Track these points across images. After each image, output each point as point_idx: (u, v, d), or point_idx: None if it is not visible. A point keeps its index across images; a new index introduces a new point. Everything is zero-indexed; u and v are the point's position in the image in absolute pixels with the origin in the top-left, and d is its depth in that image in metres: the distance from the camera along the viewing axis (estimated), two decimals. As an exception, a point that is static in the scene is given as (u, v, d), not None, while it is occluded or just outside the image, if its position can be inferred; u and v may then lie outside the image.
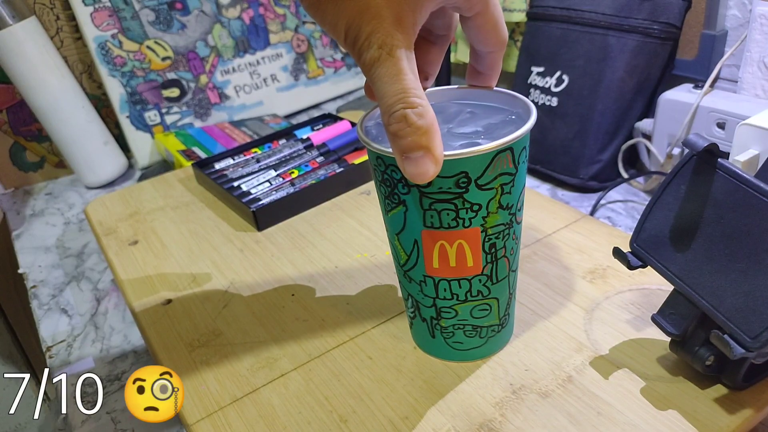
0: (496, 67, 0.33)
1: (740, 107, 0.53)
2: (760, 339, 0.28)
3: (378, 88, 0.26)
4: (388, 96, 0.26)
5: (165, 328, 0.43)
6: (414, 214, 0.31)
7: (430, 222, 0.31)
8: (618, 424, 0.32)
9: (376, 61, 0.26)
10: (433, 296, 0.34)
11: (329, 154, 0.63)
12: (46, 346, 0.52)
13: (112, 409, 0.45)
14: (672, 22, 0.58)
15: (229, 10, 0.86)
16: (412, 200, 0.31)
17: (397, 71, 0.26)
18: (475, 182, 0.30)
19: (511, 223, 0.33)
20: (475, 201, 0.30)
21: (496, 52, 0.32)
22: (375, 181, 0.33)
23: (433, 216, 0.31)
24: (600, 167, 0.63)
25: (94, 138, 0.77)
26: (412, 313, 0.37)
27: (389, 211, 0.33)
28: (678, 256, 0.32)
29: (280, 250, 0.51)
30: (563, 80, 0.63)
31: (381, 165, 0.31)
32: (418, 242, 0.32)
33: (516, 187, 0.32)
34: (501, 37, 0.31)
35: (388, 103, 0.26)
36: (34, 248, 0.68)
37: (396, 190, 0.31)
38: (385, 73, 0.26)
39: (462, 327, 0.35)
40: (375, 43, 0.26)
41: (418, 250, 0.33)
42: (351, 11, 0.26)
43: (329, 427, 0.34)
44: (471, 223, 0.31)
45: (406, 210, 0.31)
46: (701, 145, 0.31)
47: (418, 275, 0.34)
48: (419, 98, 0.26)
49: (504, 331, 0.37)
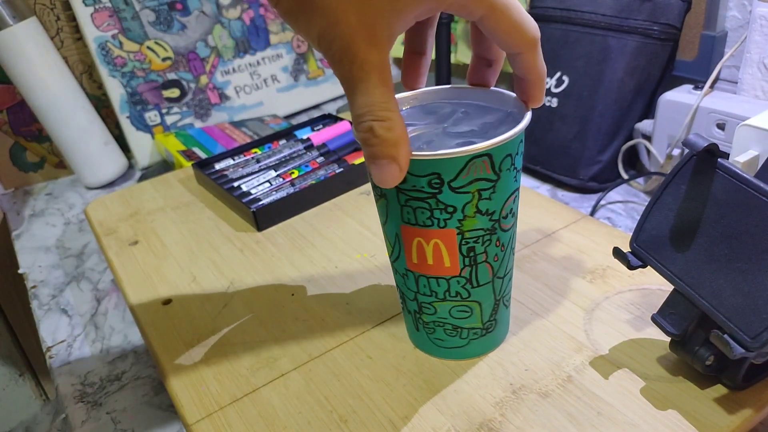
0: (534, 70, 0.30)
1: (740, 108, 0.53)
2: (760, 339, 0.28)
3: (351, 100, 0.27)
4: (357, 107, 0.27)
5: (165, 328, 0.43)
6: (394, 208, 0.32)
7: (407, 218, 0.32)
8: (618, 424, 0.32)
9: (348, 76, 0.27)
10: (414, 290, 0.35)
11: (329, 155, 0.63)
12: (46, 346, 0.52)
13: (112, 409, 0.45)
14: (672, 23, 0.58)
15: (230, 10, 0.86)
16: (390, 194, 0.32)
17: (369, 86, 0.26)
18: (448, 184, 0.30)
19: (494, 229, 0.32)
20: (449, 203, 0.30)
21: (525, 52, 0.30)
22: None
23: (409, 212, 0.31)
24: (600, 168, 0.63)
25: (95, 138, 0.77)
26: (402, 304, 0.38)
27: (377, 202, 0.34)
28: (678, 256, 0.32)
29: (280, 250, 0.51)
30: (563, 81, 0.63)
31: None
32: (399, 236, 0.33)
33: (498, 194, 0.31)
34: (526, 37, 0.29)
35: (356, 114, 0.27)
36: (34, 248, 0.68)
37: None
38: (357, 88, 0.27)
39: (442, 325, 0.36)
40: (345, 58, 0.26)
41: (400, 244, 0.33)
42: (321, 24, 0.26)
43: (329, 427, 0.34)
44: (446, 224, 0.31)
45: (387, 203, 0.32)
46: (701, 145, 0.31)
47: (401, 268, 0.35)
48: (388, 111, 0.27)
49: (490, 336, 0.37)
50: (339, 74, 0.27)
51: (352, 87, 0.27)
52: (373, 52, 0.26)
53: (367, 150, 0.27)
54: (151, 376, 0.48)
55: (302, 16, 0.27)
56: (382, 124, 0.27)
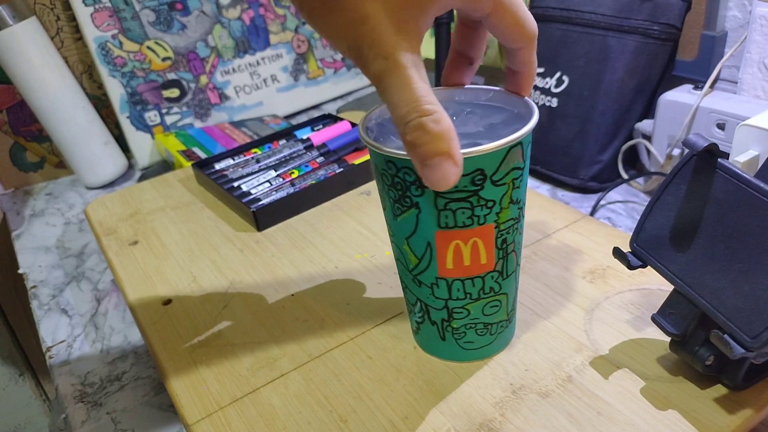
0: (529, 65, 0.32)
1: (740, 108, 0.53)
2: (760, 339, 0.28)
3: (389, 98, 0.26)
4: (401, 106, 0.25)
5: (165, 328, 0.43)
6: (428, 216, 0.31)
7: (445, 222, 0.31)
8: (618, 424, 0.32)
9: (383, 72, 0.25)
10: (445, 298, 0.34)
11: (329, 155, 0.63)
12: (46, 346, 0.52)
13: (112, 409, 0.45)
14: (672, 23, 0.58)
15: (230, 10, 0.86)
16: (426, 202, 0.30)
17: (406, 80, 0.25)
18: (490, 179, 0.30)
19: (519, 217, 0.33)
20: (490, 197, 0.30)
21: (525, 48, 0.31)
22: (381, 186, 0.32)
23: (448, 216, 0.31)
24: (600, 168, 0.63)
25: (94, 138, 0.77)
26: (420, 317, 0.36)
27: (398, 215, 0.32)
28: (678, 256, 0.32)
29: (280, 250, 0.51)
30: (563, 81, 0.63)
31: (392, 168, 0.30)
32: (432, 244, 0.32)
33: (524, 181, 0.32)
34: (526, 32, 0.30)
35: (401, 113, 0.25)
36: (34, 248, 0.68)
37: (408, 193, 0.31)
38: (393, 83, 0.25)
39: (474, 326, 0.35)
40: (379, 54, 0.25)
41: (431, 252, 0.32)
42: (349, 22, 0.26)
43: (329, 427, 0.34)
44: (485, 220, 0.31)
45: (418, 212, 0.31)
46: (701, 145, 0.31)
47: (430, 278, 0.33)
48: (432, 104, 0.25)
49: (510, 326, 0.37)
50: (372, 72, 0.26)
51: (388, 84, 0.25)
52: (405, 45, 0.26)
53: (419, 151, 0.25)
54: (151, 376, 0.48)
55: (328, 16, 0.26)
56: (430, 118, 0.25)
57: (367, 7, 0.25)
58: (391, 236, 0.35)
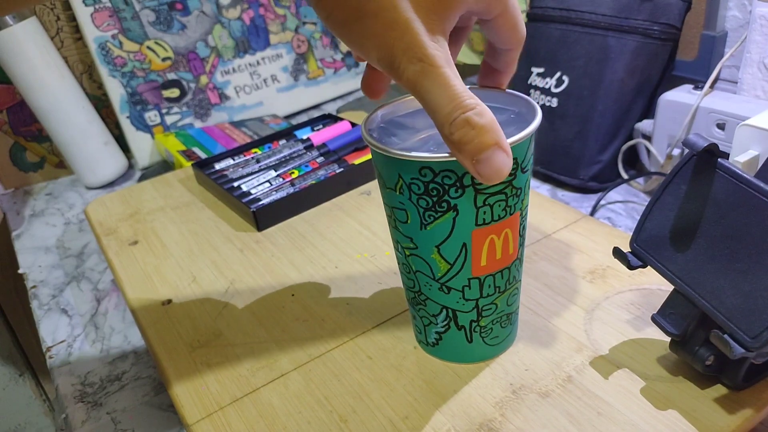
0: (512, 65, 0.33)
1: (740, 108, 0.53)
2: (760, 339, 0.28)
3: (429, 101, 0.26)
4: (443, 105, 0.25)
5: (165, 328, 0.43)
6: (466, 216, 0.30)
7: (483, 219, 0.31)
8: (618, 424, 0.32)
9: (420, 75, 0.25)
10: (476, 297, 0.34)
11: (329, 155, 0.63)
12: (46, 346, 0.52)
13: (112, 409, 0.45)
14: (672, 23, 0.58)
15: (230, 10, 0.86)
16: (465, 202, 0.30)
17: (445, 80, 0.25)
18: (520, 167, 0.30)
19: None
20: (519, 185, 0.31)
21: (514, 50, 0.32)
22: (406, 197, 0.31)
23: (486, 212, 0.31)
24: (600, 168, 0.63)
25: (94, 138, 0.77)
26: (444, 326, 0.36)
27: (429, 224, 0.31)
28: (678, 256, 0.32)
29: (280, 250, 0.51)
30: (563, 81, 0.63)
31: (427, 175, 0.29)
32: (467, 245, 0.31)
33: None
34: (519, 36, 0.31)
35: (445, 113, 0.26)
36: (34, 248, 0.68)
37: (446, 197, 0.30)
38: (432, 85, 0.25)
39: (499, 319, 0.36)
40: (414, 57, 0.25)
41: (466, 253, 0.32)
42: (378, 29, 0.26)
43: (329, 427, 0.34)
44: (514, 208, 0.31)
45: (456, 215, 0.30)
46: (701, 145, 0.31)
47: (461, 281, 0.33)
48: (473, 98, 0.26)
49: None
50: (407, 77, 0.26)
51: (426, 86, 0.25)
52: (436, 46, 0.26)
53: (469, 148, 0.26)
54: (151, 376, 0.48)
55: (357, 25, 0.26)
56: (473, 113, 0.25)
57: (396, 12, 0.25)
58: (409, 251, 0.33)
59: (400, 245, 0.34)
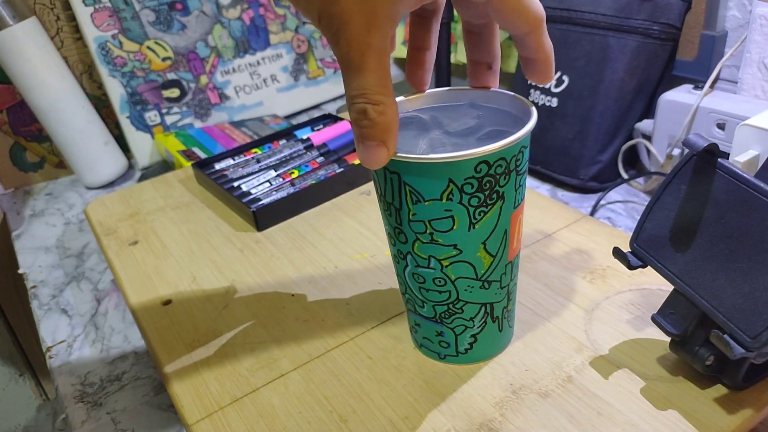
0: (541, 50, 0.30)
1: (740, 108, 0.53)
2: (760, 339, 0.28)
3: (344, 78, 0.27)
4: (351, 89, 0.27)
5: (165, 328, 0.43)
6: (509, 202, 0.31)
7: (518, 200, 0.32)
8: (618, 424, 0.32)
9: (344, 55, 0.27)
10: (508, 282, 0.35)
11: (329, 155, 0.63)
12: (46, 347, 0.52)
13: (113, 409, 0.45)
14: (672, 22, 0.58)
15: (230, 10, 0.86)
16: (510, 187, 0.31)
17: (364, 68, 0.26)
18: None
19: None
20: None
21: (532, 32, 0.29)
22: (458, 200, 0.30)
23: (519, 192, 0.32)
24: (600, 168, 0.63)
25: (94, 138, 0.77)
26: (481, 323, 0.35)
27: (479, 221, 0.31)
28: (678, 256, 0.32)
29: (280, 250, 0.51)
30: (563, 81, 0.63)
31: (482, 170, 0.29)
32: (507, 231, 0.32)
33: None
34: (531, 16, 0.29)
35: (350, 95, 0.27)
36: (34, 248, 0.68)
37: (496, 187, 0.30)
38: (351, 69, 0.27)
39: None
40: (343, 39, 0.26)
41: (506, 240, 0.32)
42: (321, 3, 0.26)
43: (329, 427, 0.34)
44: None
45: (502, 203, 0.31)
46: (701, 145, 0.31)
47: (500, 270, 0.33)
48: (382, 95, 0.27)
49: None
50: (336, 54, 0.27)
51: (348, 68, 0.27)
52: (372, 34, 0.26)
53: (357, 131, 0.28)
54: (151, 376, 0.48)
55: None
56: (375, 108, 0.27)
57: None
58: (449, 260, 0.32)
59: (435, 259, 0.32)
